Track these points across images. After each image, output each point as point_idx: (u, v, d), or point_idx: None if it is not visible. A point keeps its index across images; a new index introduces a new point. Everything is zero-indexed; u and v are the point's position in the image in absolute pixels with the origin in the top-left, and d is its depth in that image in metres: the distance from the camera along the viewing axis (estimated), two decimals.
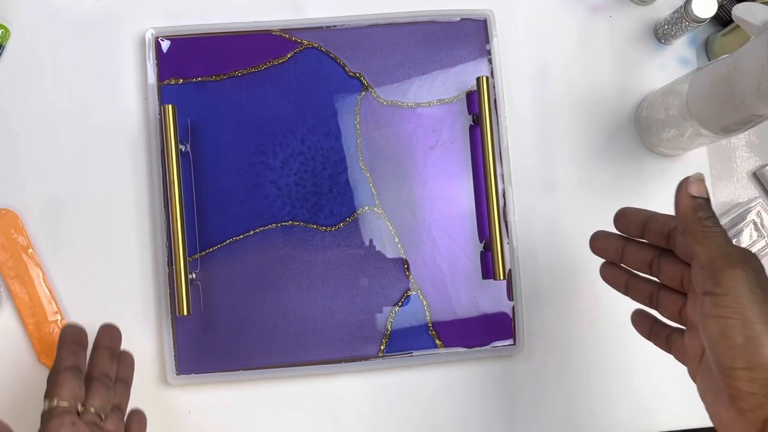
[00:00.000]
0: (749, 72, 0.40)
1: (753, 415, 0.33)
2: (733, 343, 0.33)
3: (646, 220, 0.41)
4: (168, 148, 0.48)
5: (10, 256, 0.51)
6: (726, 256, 0.34)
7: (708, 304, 0.34)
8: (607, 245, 0.43)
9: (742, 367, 0.33)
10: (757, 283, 0.33)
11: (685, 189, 0.36)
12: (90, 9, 0.54)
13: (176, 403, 0.52)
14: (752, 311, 0.33)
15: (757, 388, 0.32)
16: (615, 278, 0.44)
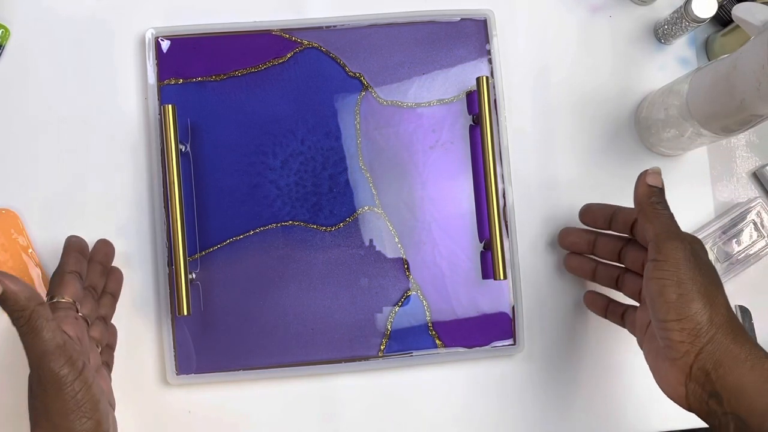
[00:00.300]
0: (749, 72, 0.40)
1: (682, 362, 0.40)
2: (668, 299, 0.40)
3: (612, 213, 0.49)
4: (168, 148, 0.48)
5: (10, 256, 0.51)
6: (668, 232, 0.42)
7: (651, 268, 0.41)
8: (578, 239, 0.51)
9: (673, 318, 0.40)
10: (692, 254, 0.41)
11: (644, 179, 0.44)
12: (90, 9, 0.54)
13: (176, 403, 0.52)
14: (685, 274, 0.40)
15: (685, 337, 0.40)
16: (582, 267, 0.52)
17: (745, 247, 0.54)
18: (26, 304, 0.37)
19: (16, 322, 0.37)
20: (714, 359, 0.39)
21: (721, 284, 0.42)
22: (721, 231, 0.54)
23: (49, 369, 0.38)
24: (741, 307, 0.55)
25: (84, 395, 0.39)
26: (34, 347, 0.38)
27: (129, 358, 0.52)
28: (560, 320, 0.55)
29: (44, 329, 0.38)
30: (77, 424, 0.38)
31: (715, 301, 0.40)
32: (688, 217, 0.56)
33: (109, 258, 0.51)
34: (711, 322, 0.39)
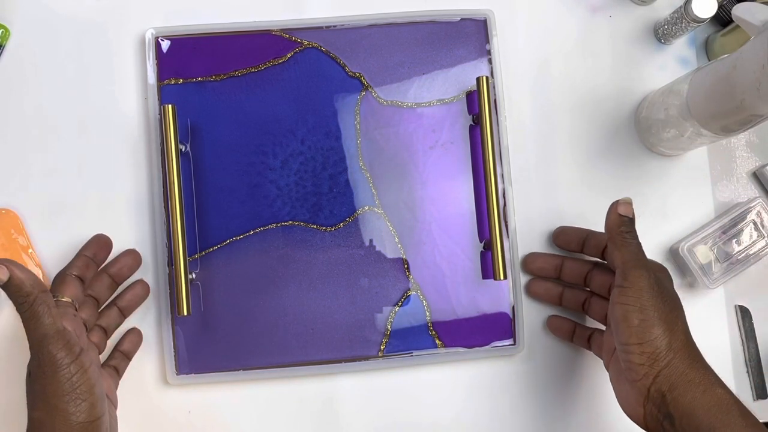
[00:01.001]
0: (749, 72, 0.40)
1: (641, 384, 0.42)
2: (630, 323, 0.42)
3: (585, 237, 0.51)
4: (168, 148, 0.48)
5: (10, 256, 0.51)
6: (635, 260, 0.44)
7: (616, 294, 0.44)
8: (546, 264, 0.53)
9: (635, 342, 0.42)
10: (656, 282, 0.43)
11: (615, 208, 0.45)
12: (90, 9, 0.54)
13: (176, 403, 0.52)
14: (648, 301, 0.42)
15: (645, 360, 0.42)
16: (548, 292, 0.53)
17: (745, 247, 0.54)
18: (30, 290, 0.39)
19: (19, 307, 0.40)
20: (670, 382, 0.41)
21: (682, 311, 0.44)
22: (721, 231, 0.54)
23: (48, 351, 0.40)
24: (741, 307, 0.55)
25: (79, 378, 0.40)
26: (35, 331, 0.40)
27: None
28: None
29: (45, 315, 0.40)
30: (72, 406, 0.40)
31: (675, 328, 0.43)
32: (688, 217, 0.56)
33: (124, 272, 0.50)
34: (669, 347, 0.42)
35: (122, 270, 0.50)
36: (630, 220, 0.45)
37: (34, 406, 0.41)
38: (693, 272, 0.53)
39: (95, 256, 0.49)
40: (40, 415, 0.40)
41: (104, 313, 0.49)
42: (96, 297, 0.49)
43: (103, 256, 0.49)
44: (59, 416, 0.40)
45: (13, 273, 0.39)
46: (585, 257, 0.53)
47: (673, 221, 0.55)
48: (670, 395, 0.41)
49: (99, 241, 0.50)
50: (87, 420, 0.41)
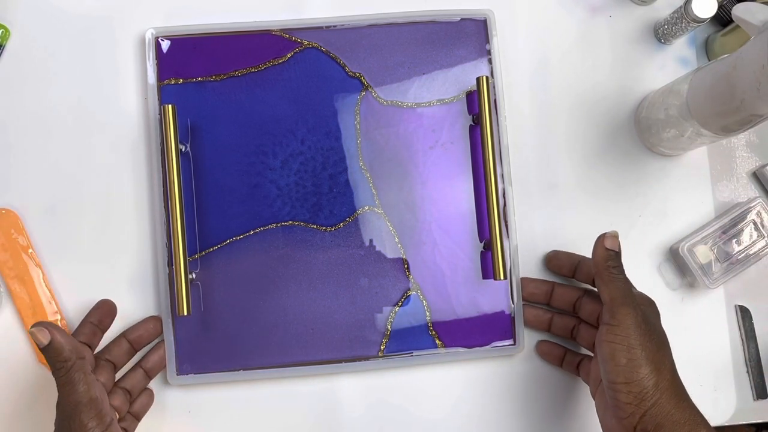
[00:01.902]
0: (749, 72, 0.40)
1: (627, 422, 0.42)
2: (618, 362, 0.42)
3: (578, 263, 0.51)
4: (168, 148, 0.48)
5: (10, 256, 0.51)
6: (622, 297, 0.44)
7: (603, 332, 0.44)
8: (536, 290, 0.53)
9: (622, 381, 0.42)
10: (643, 320, 0.43)
11: (601, 242, 0.46)
12: (90, 9, 0.54)
13: (176, 403, 0.52)
14: (635, 340, 0.42)
15: (632, 399, 0.42)
16: (538, 318, 0.53)
17: (745, 247, 0.54)
18: (69, 356, 0.41)
19: (56, 372, 0.41)
20: (656, 422, 0.42)
21: (669, 349, 0.45)
22: (721, 231, 0.54)
23: (80, 420, 0.41)
24: (741, 307, 0.55)
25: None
26: (69, 397, 0.41)
27: None
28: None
29: (81, 382, 0.41)
30: None
31: (662, 367, 0.43)
32: (688, 217, 0.56)
33: (144, 339, 0.50)
34: (656, 387, 0.42)
35: (142, 336, 0.50)
36: (616, 254, 0.45)
37: None
38: (693, 272, 0.53)
39: (100, 322, 0.48)
40: None
41: (130, 375, 0.49)
42: (113, 362, 0.48)
43: (108, 323, 0.49)
44: None
45: (54, 337, 0.40)
46: (576, 283, 0.53)
47: (673, 221, 0.55)
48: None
49: (103, 307, 0.49)
50: None
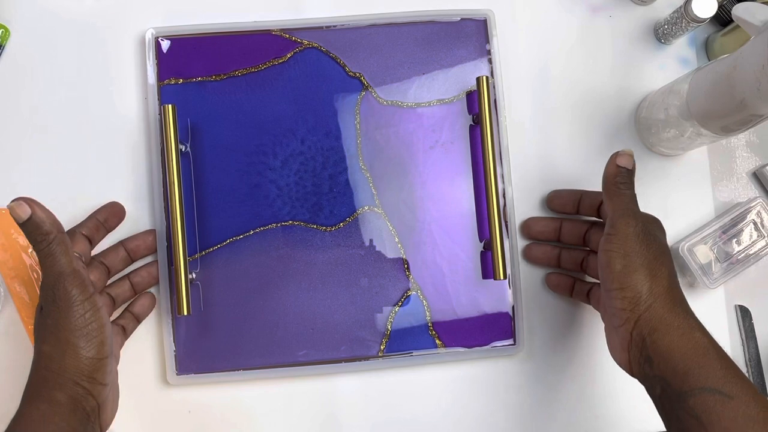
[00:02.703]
0: (749, 72, 0.40)
1: (624, 329, 0.43)
2: (613, 269, 0.43)
3: (580, 197, 0.51)
4: (168, 148, 0.48)
5: (10, 256, 0.51)
6: (625, 209, 0.44)
7: (603, 241, 0.44)
8: (545, 228, 0.53)
9: (617, 287, 0.43)
10: (643, 230, 0.43)
11: (614, 159, 0.45)
12: (90, 9, 0.54)
13: (176, 403, 0.52)
14: (631, 248, 0.43)
15: (626, 305, 0.43)
16: (546, 254, 0.53)
17: (745, 247, 0.54)
18: (50, 230, 0.41)
19: (37, 245, 0.41)
20: (650, 326, 0.42)
21: (669, 259, 0.44)
22: (721, 231, 0.54)
23: (63, 287, 0.41)
24: (741, 307, 0.55)
25: (92, 316, 0.42)
26: (52, 268, 0.41)
27: (129, 357, 0.52)
28: (560, 320, 0.55)
29: (63, 254, 0.41)
30: (82, 341, 0.41)
31: (658, 274, 0.43)
32: (688, 217, 0.56)
33: (141, 250, 0.51)
34: (651, 292, 0.42)
35: (139, 247, 0.51)
36: (628, 172, 0.45)
37: (45, 340, 0.42)
38: (693, 272, 0.53)
39: (106, 221, 0.50)
40: (49, 349, 0.41)
41: (116, 284, 0.50)
42: (108, 266, 0.49)
43: (114, 224, 0.51)
44: (69, 350, 0.41)
45: (34, 211, 0.40)
46: (581, 218, 0.53)
47: (673, 221, 0.55)
48: (649, 338, 0.42)
49: (112, 208, 0.51)
50: (95, 357, 0.42)
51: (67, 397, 0.41)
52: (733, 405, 0.38)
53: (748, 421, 0.37)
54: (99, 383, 0.42)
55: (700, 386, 0.39)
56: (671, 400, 0.41)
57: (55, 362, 0.41)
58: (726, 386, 0.39)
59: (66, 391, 0.41)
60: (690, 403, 0.39)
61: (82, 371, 0.41)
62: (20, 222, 0.40)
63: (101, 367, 0.42)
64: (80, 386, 0.41)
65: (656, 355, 0.41)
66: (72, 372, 0.41)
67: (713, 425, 0.38)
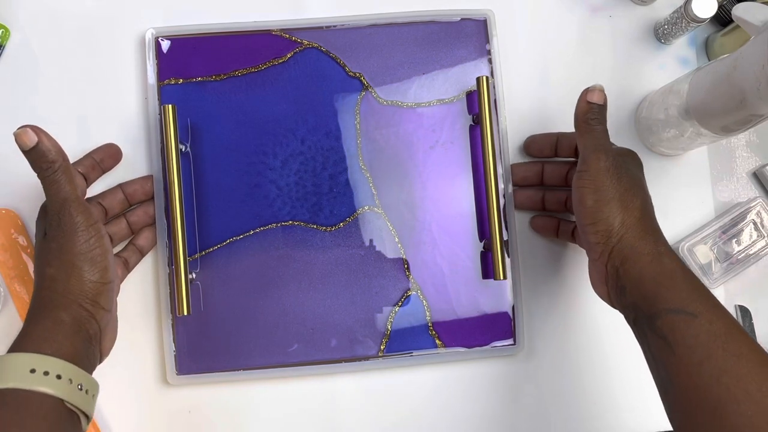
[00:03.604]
0: (749, 72, 0.40)
1: (599, 262, 0.44)
2: (586, 204, 0.43)
3: (556, 140, 0.52)
4: (168, 148, 0.48)
5: (10, 256, 0.51)
6: (596, 145, 0.44)
7: (575, 178, 0.45)
8: (528, 172, 0.53)
9: (589, 222, 0.43)
10: (614, 165, 0.43)
11: (584, 96, 0.45)
12: (90, 9, 0.54)
13: (176, 403, 0.52)
14: (602, 183, 0.43)
15: (600, 238, 0.43)
16: (531, 198, 0.53)
17: (745, 247, 0.54)
18: (55, 158, 0.42)
19: (42, 173, 0.42)
20: (622, 256, 0.42)
21: (643, 191, 0.45)
22: (721, 231, 0.54)
23: (69, 213, 0.42)
24: (741, 307, 0.55)
25: (96, 242, 0.43)
26: (57, 194, 0.42)
27: (129, 357, 0.52)
28: (560, 320, 0.55)
29: (68, 182, 0.42)
30: (87, 265, 0.42)
31: (629, 206, 0.43)
32: (688, 217, 0.56)
33: (139, 194, 0.51)
34: (622, 224, 0.43)
35: (137, 191, 0.51)
36: (599, 107, 0.44)
37: (49, 264, 0.42)
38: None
39: (102, 161, 0.50)
40: (53, 272, 0.42)
41: (113, 223, 0.50)
42: (106, 207, 0.49)
43: (110, 165, 0.51)
44: (74, 273, 0.42)
45: (41, 139, 0.41)
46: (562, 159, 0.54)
47: (673, 221, 0.55)
48: (621, 268, 0.42)
49: (109, 149, 0.51)
50: (99, 281, 0.43)
51: (70, 317, 0.41)
52: (697, 323, 0.38)
53: (711, 337, 0.38)
54: (102, 308, 0.43)
55: (666, 308, 0.40)
56: (642, 326, 0.41)
57: (60, 284, 0.42)
58: (690, 306, 0.39)
59: (70, 312, 0.41)
60: (657, 324, 0.40)
61: (86, 294, 0.42)
62: (25, 150, 0.41)
63: (104, 291, 0.43)
64: (84, 308, 0.42)
65: (628, 283, 0.42)
66: (76, 294, 0.42)
67: (678, 344, 0.39)
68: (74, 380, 0.39)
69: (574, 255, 0.55)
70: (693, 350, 0.38)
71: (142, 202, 0.52)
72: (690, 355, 0.38)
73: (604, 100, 0.44)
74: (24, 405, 0.37)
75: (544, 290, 0.55)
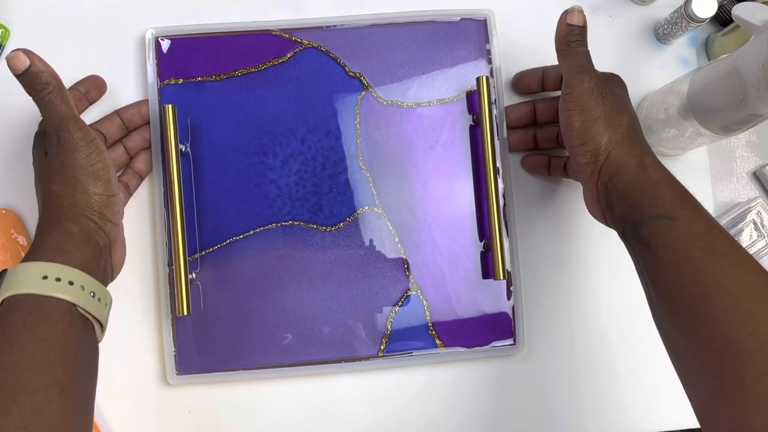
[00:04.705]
0: (749, 72, 0.40)
1: (591, 182, 0.44)
2: (573, 127, 0.44)
3: (542, 74, 0.52)
4: (168, 148, 0.48)
5: (11, 256, 0.51)
6: (579, 67, 0.44)
7: (561, 101, 0.45)
8: (521, 113, 0.53)
9: (578, 144, 0.44)
10: (598, 86, 0.43)
11: (564, 18, 0.44)
12: (90, 9, 0.54)
13: (176, 403, 0.52)
14: (588, 104, 0.43)
15: (589, 159, 0.43)
16: (522, 139, 0.53)
17: (745, 247, 0.54)
18: (49, 80, 0.42)
19: (37, 95, 0.42)
20: (609, 173, 0.43)
21: (628, 111, 0.44)
22: None
23: (68, 130, 0.42)
24: None
25: (96, 156, 0.43)
26: (54, 114, 0.42)
27: (129, 358, 0.52)
28: (560, 320, 0.55)
29: (63, 102, 0.42)
30: (90, 179, 0.43)
31: (615, 124, 0.43)
32: None
33: (136, 118, 0.51)
34: (609, 142, 0.43)
35: (134, 116, 0.51)
36: (580, 29, 0.44)
37: (52, 181, 0.43)
38: None
39: (87, 93, 0.50)
40: (58, 188, 0.42)
41: (110, 148, 0.51)
42: (104, 134, 0.50)
43: (95, 96, 0.51)
44: (78, 187, 0.42)
45: (33, 62, 0.41)
46: (552, 95, 0.54)
47: None
48: (610, 184, 0.43)
49: (93, 80, 0.51)
50: (104, 193, 0.43)
51: (79, 228, 0.42)
52: (678, 225, 0.39)
53: (690, 238, 0.38)
54: (109, 220, 0.44)
55: (649, 215, 0.40)
56: (629, 237, 0.42)
57: (66, 198, 0.42)
58: (672, 211, 0.39)
59: (78, 223, 0.42)
60: (641, 232, 0.40)
61: (92, 207, 0.43)
62: (18, 73, 0.41)
63: (110, 204, 0.44)
64: (91, 220, 0.43)
65: (616, 197, 0.42)
66: (82, 207, 0.42)
67: (659, 248, 0.39)
68: (86, 287, 0.40)
69: (575, 254, 0.55)
70: (673, 252, 0.38)
71: (138, 127, 0.52)
72: (670, 256, 0.38)
73: (584, 22, 0.44)
74: (37, 309, 0.37)
75: (544, 290, 0.55)
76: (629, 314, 0.55)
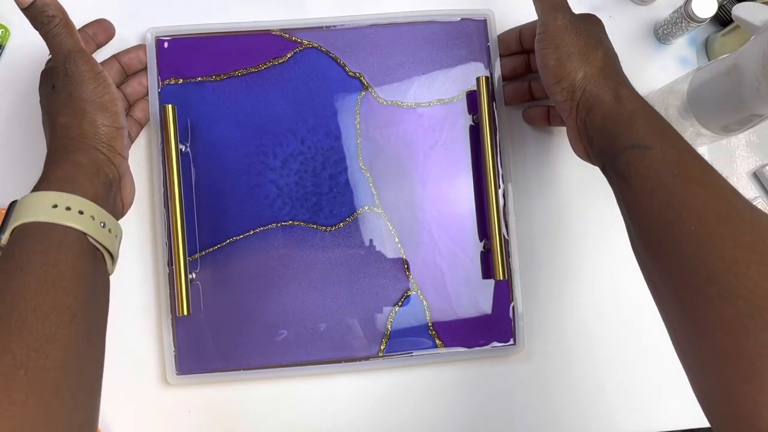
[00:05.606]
0: (749, 72, 0.40)
1: (571, 120, 0.44)
2: (548, 65, 0.44)
3: (519, 33, 0.53)
4: (168, 148, 0.48)
5: None
6: (553, 5, 0.45)
7: (536, 42, 0.45)
8: (515, 64, 0.53)
9: (554, 82, 0.44)
10: (571, 23, 0.44)
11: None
12: (90, 9, 0.54)
13: (176, 403, 0.52)
14: (561, 41, 0.43)
15: (566, 96, 0.44)
16: (518, 91, 0.53)
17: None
18: (55, 13, 0.42)
19: (43, 27, 0.42)
20: (586, 107, 0.43)
21: (605, 47, 0.44)
22: None
23: (75, 62, 0.42)
24: None
25: (103, 89, 0.43)
26: (61, 46, 0.43)
27: (129, 358, 0.52)
28: (560, 320, 0.55)
29: (69, 35, 0.43)
30: (98, 111, 0.43)
31: (590, 58, 0.43)
32: None
33: (134, 63, 0.52)
34: (585, 77, 0.43)
35: (132, 60, 0.52)
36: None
37: (60, 113, 0.42)
38: None
39: (95, 35, 0.50)
40: (65, 120, 0.42)
41: None
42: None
43: (103, 39, 0.51)
44: (86, 118, 0.42)
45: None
46: None
47: None
48: (588, 119, 0.43)
49: (101, 23, 0.51)
50: (111, 125, 0.43)
51: (88, 159, 0.42)
52: (651, 154, 0.39)
53: (663, 165, 0.38)
54: (117, 153, 0.44)
55: (624, 146, 0.40)
56: (608, 170, 0.41)
57: (74, 130, 0.42)
58: (646, 139, 0.39)
59: (87, 154, 0.42)
60: (617, 164, 0.40)
61: (101, 138, 0.43)
62: (24, 7, 0.41)
63: (118, 136, 0.44)
64: (100, 152, 0.43)
65: (594, 132, 0.42)
66: (91, 138, 0.42)
67: (633, 177, 0.39)
68: (96, 217, 0.40)
69: (575, 254, 0.55)
70: (646, 180, 0.38)
71: (136, 72, 0.52)
72: (643, 185, 0.38)
73: None
74: (47, 236, 0.37)
75: (544, 290, 0.55)
76: (630, 314, 0.55)
